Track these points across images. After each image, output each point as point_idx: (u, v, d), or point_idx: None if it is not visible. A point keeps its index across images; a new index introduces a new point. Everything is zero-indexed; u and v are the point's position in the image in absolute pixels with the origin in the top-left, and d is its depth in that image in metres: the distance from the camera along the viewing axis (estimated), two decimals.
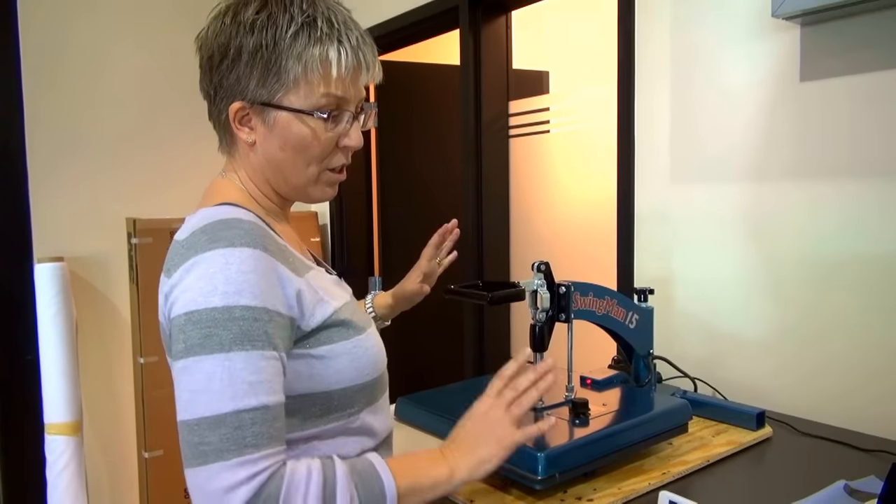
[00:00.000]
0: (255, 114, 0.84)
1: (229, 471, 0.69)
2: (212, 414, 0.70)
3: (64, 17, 2.48)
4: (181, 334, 0.74)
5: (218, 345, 0.72)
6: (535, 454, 0.97)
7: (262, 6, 0.82)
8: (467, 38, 2.23)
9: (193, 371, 0.72)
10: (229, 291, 0.73)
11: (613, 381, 1.32)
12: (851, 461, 1.13)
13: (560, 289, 1.15)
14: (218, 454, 0.70)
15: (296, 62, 0.81)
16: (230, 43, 0.82)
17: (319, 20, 0.82)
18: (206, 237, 0.77)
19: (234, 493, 0.69)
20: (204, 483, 0.70)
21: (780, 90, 1.41)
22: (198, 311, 0.73)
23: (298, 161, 0.86)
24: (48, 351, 2.29)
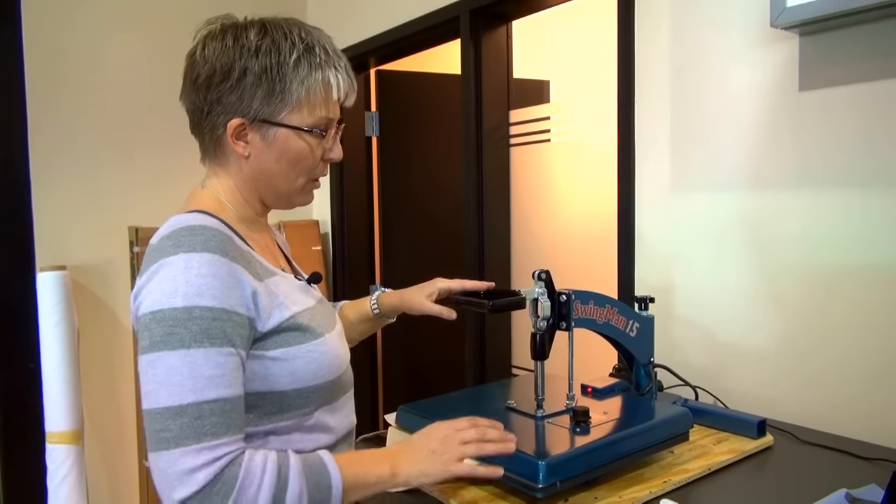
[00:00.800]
0: (253, 130, 0.91)
1: (189, 455, 0.76)
2: (174, 404, 0.77)
3: (68, 25, 2.50)
4: (146, 331, 0.80)
5: (179, 342, 0.78)
6: (537, 462, 0.97)
7: (263, 32, 0.89)
8: (468, 48, 2.24)
9: (157, 365, 0.78)
10: (189, 293, 0.79)
11: (614, 390, 1.32)
12: (852, 469, 1.13)
13: (561, 297, 1.15)
14: (178, 441, 0.76)
15: (300, 85, 0.89)
16: (234, 64, 0.88)
17: (317, 48, 0.90)
18: (170, 242, 0.83)
19: (193, 476, 0.75)
20: (165, 466, 0.76)
21: (779, 99, 1.42)
22: (161, 311, 0.79)
23: (290, 173, 0.94)
24: (50, 359, 2.29)
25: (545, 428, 1.12)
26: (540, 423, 1.14)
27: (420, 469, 0.90)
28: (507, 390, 1.34)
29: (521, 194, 2.35)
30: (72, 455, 2.29)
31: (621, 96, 1.72)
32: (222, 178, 0.96)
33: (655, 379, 1.36)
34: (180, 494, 0.76)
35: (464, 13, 2.22)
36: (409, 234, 2.99)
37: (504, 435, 0.96)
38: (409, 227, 2.99)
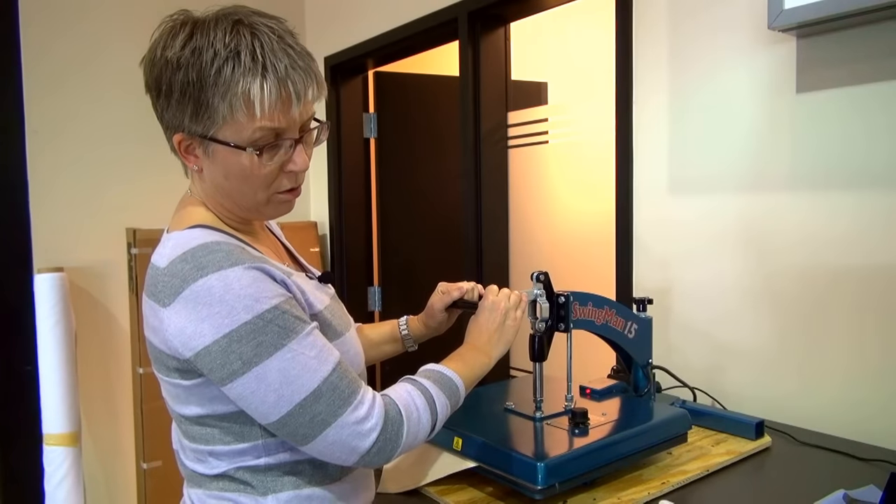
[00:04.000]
0: (197, 144, 0.85)
1: (350, 418, 0.80)
2: (307, 394, 0.79)
3: (65, 26, 2.50)
4: (229, 356, 0.78)
5: (272, 346, 0.79)
6: (535, 464, 0.98)
7: (188, 39, 0.81)
8: (466, 50, 2.24)
9: (266, 376, 0.78)
10: (248, 305, 0.78)
11: (613, 391, 1.33)
12: (850, 471, 1.13)
13: (559, 298, 1.15)
14: (333, 415, 0.80)
15: (221, 100, 0.80)
16: (161, 79, 0.82)
17: (243, 53, 0.79)
18: (189, 265, 0.79)
19: (364, 426, 0.81)
20: (336, 439, 0.80)
21: (776, 101, 1.42)
22: (234, 331, 0.78)
23: (244, 188, 0.86)
24: (47, 361, 2.29)
25: (544, 429, 1.12)
26: (539, 424, 1.14)
27: (504, 343, 1.06)
28: (505, 392, 1.34)
29: (520, 196, 2.36)
30: (69, 457, 2.28)
31: (619, 98, 1.73)
32: (196, 192, 0.92)
33: (654, 380, 1.36)
34: (365, 444, 0.81)
35: (462, 15, 2.22)
36: (408, 235, 2.99)
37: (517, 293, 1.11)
38: (408, 229, 2.99)
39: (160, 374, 0.89)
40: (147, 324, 0.87)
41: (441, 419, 0.91)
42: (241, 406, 0.81)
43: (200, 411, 0.86)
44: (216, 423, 0.86)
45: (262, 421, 0.81)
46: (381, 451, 0.83)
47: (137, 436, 2.51)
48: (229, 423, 0.85)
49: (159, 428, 2.44)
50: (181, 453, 0.94)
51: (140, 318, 2.65)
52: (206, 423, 0.87)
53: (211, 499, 0.89)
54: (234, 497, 0.88)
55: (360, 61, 2.79)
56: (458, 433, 1.10)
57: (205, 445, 0.87)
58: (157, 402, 2.45)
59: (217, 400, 0.84)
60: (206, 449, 0.88)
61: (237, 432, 0.86)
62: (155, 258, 0.86)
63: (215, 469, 0.88)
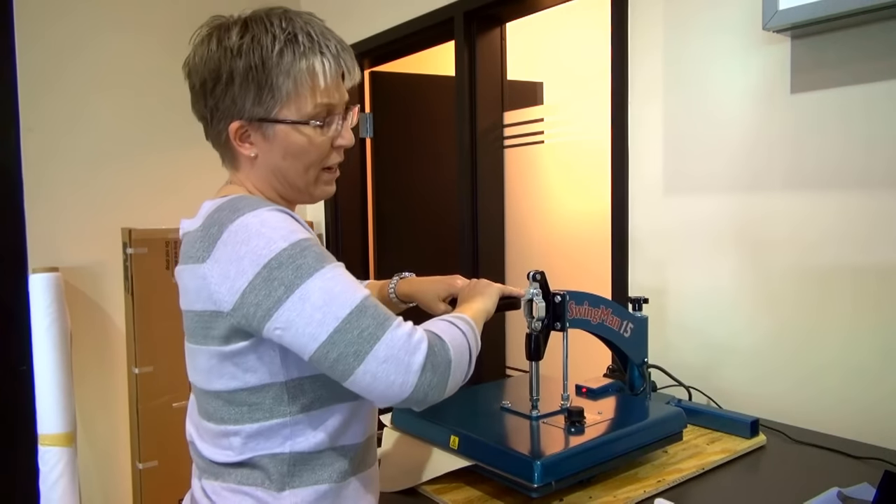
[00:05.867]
0: (254, 130, 0.89)
1: (398, 328, 0.80)
2: (352, 308, 0.79)
3: (61, 25, 2.49)
4: (272, 283, 0.79)
5: (311, 268, 0.80)
6: (532, 462, 0.98)
7: (244, 29, 0.88)
8: (462, 50, 2.24)
9: (308, 296, 0.79)
10: (283, 235, 0.81)
11: (609, 390, 1.33)
12: (844, 468, 1.14)
13: (556, 298, 1.15)
14: (382, 326, 0.80)
15: (286, 78, 0.87)
16: (220, 68, 0.87)
17: (300, 35, 0.88)
18: (226, 212, 0.84)
19: (414, 338, 0.80)
20: (388, 355, 0.79)
21: (771, 102, 1.43)
22: (274, 258, 0.80)
23: (299, 166, 0.92)
24: (42, 361, 2.28)
25: (540, 428, 1.12)
26: (535, 423, 1.14)
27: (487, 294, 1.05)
28: (501, 391, 1.34)
29: (516, 196, 2.36)
30: (64, 457, 2.28)
31: (615, 98, 1.73)
32: (242, 181, 0.95)
33: (649, 379, 1.37)
34: (418, 361, 0.79)
35: (458, 15, 2.22)
36: (404, 235, 2.99)
37: None
38: (404, 229, 2.99)
39: (198, 345, 0.88)
40: (186, 294, 0.88)
41: (475, 349, 0.90)
42: (288, 341, 0.80)
43: (233, 384, 0.86)
44: (247, 397, 0.86)
45: (312, 347, 0.79)
46: (435, 369, 0.81)
47: (133, 436, 2.50)
48: (260, 396, 0.86)
49: (154, 428, 2.44)
50: (198, 442, 0.93)
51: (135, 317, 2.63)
52: (235, 400, 0.87)
53: (226, 491, 0.88)
54: (251, 491, 0.87)
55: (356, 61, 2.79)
56: (454, 432, 1.10)
57: (232, 425, 0.87)
58: (153, 402, 2.46)
59: (251, 371, 0.85)
60: (233, 429, 0.87)
61: (267, 408, 0.86)
62: (187, 227, 0.90)
63: (236, 456, 0.87)
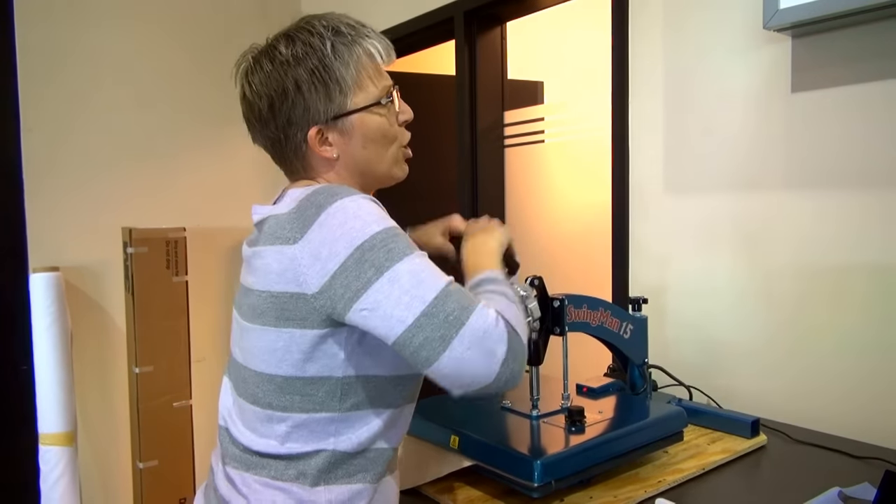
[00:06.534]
0: (331, 130, 0.92)
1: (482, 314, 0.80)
2: (438, 290, 0.80)
3: (61, 24, 2.49)
4: (363, 265, 0.81)
5: (402, 252, 0.82)
6: (532, 461, 0.98)
7: (290, 41, 0.91)
8: (463, 49, 2.24)
9: (398, 278, 0.80)
10: (377, 220, 0.83)
11: (609, 390, 1.33)
12: (845, 468, 1.14)
13: (554, 303, 1.15)
14: (465, 312, 0.79)
15: (347, 68, 0.90)
16: (285, 83, 0.89)
17: (342, 28, 0.92)
18: (322, 196, 0.85)
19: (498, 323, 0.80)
20: (472, 337, 0.78)
21: (772, 101, 1.42)
22: (367, 241, 0.81)
23: (381, 150, 0.96)
24: (43, 361, 2.28)
25: (540, 427, 1.12)
26: (535, 422, 1.14)
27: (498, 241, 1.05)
28: None
29: (516, 195, 2.36)
30: (65, 457, 2.28)
31: (615, 97, 1.73)
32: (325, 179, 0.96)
33: (650, 379, 1.37)
34: (502, 350, 0.80)
35: (458, 15, 2.22)
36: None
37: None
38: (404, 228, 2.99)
39: (265, 326, 0.87)
40: (266, 274, 0.87)
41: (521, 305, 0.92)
42: (374, 324, 0.81)
43: (292, 371, 0.86)
44: (302, 387, 0.86)
45: (397, 331, 0.79)
46: (515, 357, 0.81)
47: (133, 435, 2.50)
48: (315, 388, 0.86)
49: (155, 428, 2.44)
50: (234, 428, 0.93)
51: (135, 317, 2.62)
52: (289, 388, 0.87)
53: (258, 484, 0.88)
54: (286, 486, 0.87)
55: None
56: (454, 431, 1.10)
57: (280, 412, 0.87)
58: (153, 402, 2.46)
59: (313, 360, 0.85)
60: (281, 416, 0.87)
61: (319, 401, 0.86)
62: (269, 211, 0.91)
63: (278, 446, 0.87)
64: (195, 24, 2.73)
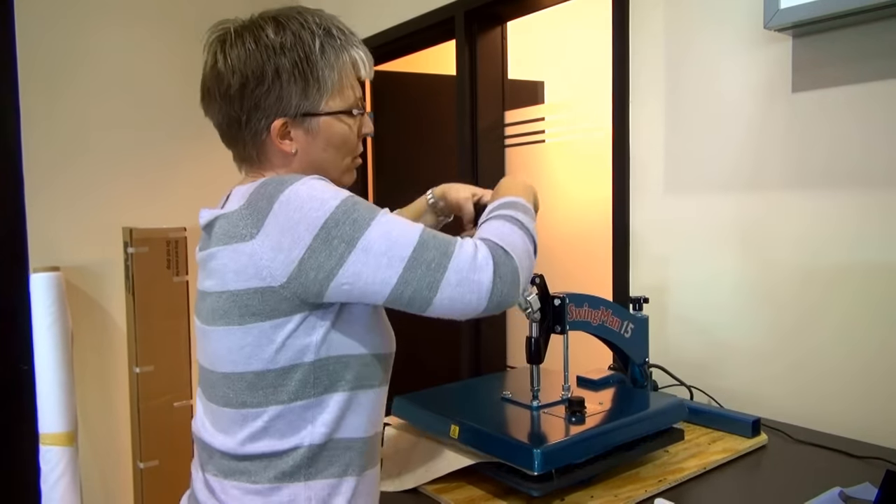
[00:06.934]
0: (297, 125, 0.91)
1: (460, 251, 0.81)
2: (413, 245, 0.81)
3: (62, 25, 2.49)
4: (332, 242, 0.80)
5: (367, 219, 0.81)
6: (532, 449, 0.97)
7: (279, 27, 0.89)
8: (463, 49, 2.24)
9: (371, 245, 0.80)
10: (333, 195, 0.82)
11: (609, 382, 1.32)
12: (846, 468, 1.14)
13: (555, 301, 1.15)
14: (445, 256, 0.81)
15: (331, 71, 0.90)
16: (265, 66, 0.87)
17: (334, 30, 0.91)
18: (271, 186, 0.84)
19: (477, 256, 0.81)
20: (458, 275, 0.80)
21: (772, 100, 1.42)
22: (330, 218, 0.80)
23: (337, 156, 0.95)
24: (43, 361, 2.28)
25: (541, 417, 1.12)
26: (535, 413, 1.14)
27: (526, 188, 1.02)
28: (502, 382, 1.34)
29: None
30: (65, 457, 2.28)
31: (616, 97, 1.73)
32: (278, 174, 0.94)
33: (650, 379, 1.37)
34: (488, 277, 0.80)
35: (458, 14, 2.22)
36: None
37: None
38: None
39: (228, 326, 0.86)
40: (222, 275, 0.86)
41: (531, 226, 0.92)
42: (358, 293, 0.81)
43: (262, 366, 0.85)
44: (274, 379, 0.85)
45: (384, 292, 0.81)
46: (503, 279, 0.82)
47: (134, 435, 2.50)
48: (287, 377, 0.85)
49: (155, 427, 2.44)
50: (207, 435, 0.92)
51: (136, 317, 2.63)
52: (261, 383, 0.86)
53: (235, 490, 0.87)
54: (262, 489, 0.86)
55: None
56: (454, 421, 1.10)
57: (254, 408, 0.86)
58: (154, 402, 2.46)
59: (282, 350, 0.84)
60: (255, 412, 0.86)
61: (293, 390, 0.86)
62: (216, 213, 0.89)
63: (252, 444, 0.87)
64: (196, 23, 2.73)
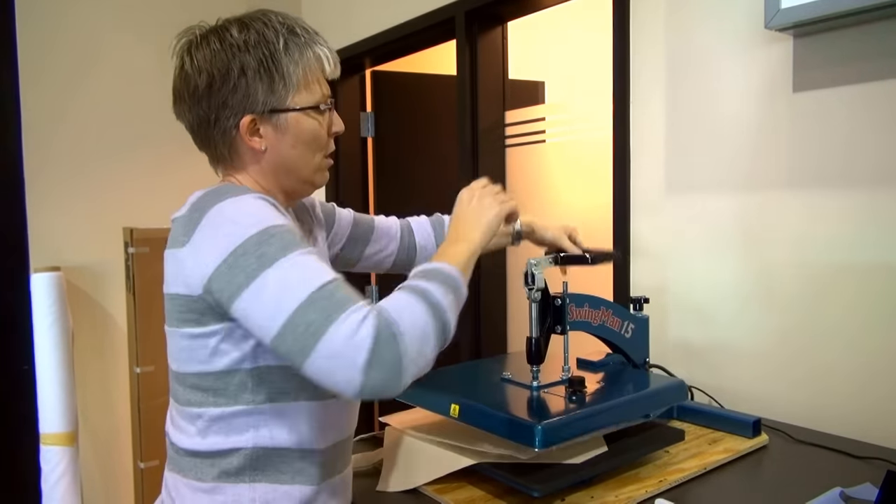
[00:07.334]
0: (265, 122, 0.92)
1: (344, 322, 0.76)
2: (302, 300, 0.77)
3: (62, 24, 2.49)
4: (235, 269, 0.80)
5: (272, 258, 0.80)
6: (533, 426, 0.96)
7: (244, 27, 0.90)
8: (464, 49, 2.24)
9: (266, 285, 0.79)
10: (254, 221, 0.82)
11: (609, 363, 1.32)
12: (847, 468, 1.14)
13: (556, 301, 1.15)
14: (327, 321, 0.76)
15: (296, 67, 0.91)
16: (230, 65, 0.89)
17: (297, 28, 0.92)
18: (209, 199, 0.85)
19: (358, 335, 0.75)
20: (331, 347, 0.75)
21: (773, 101, 1.42)
22: (240, 246, 0.80)
23: (307, 154, 0.95)
24: (44, 361, 2.28)
25: (541, 396, 1.12)
26: (535, 392, 1.13)
27: (485, 224, 0.99)
28: (503, 364, 1.33)
29: (517, 195, 2.35)
30: (66, 456, 2.28)
31: (616, 97, 1.73)
32: (240, 177, 0.96)
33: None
34: (361, 359, 0.75)
35: (459, 14, 2.22)
36: None
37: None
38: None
39: (171, 328, 0.90)
40: (167, 280, 0.90)
41: (449, 309, 0.85)
42: (247, 326, 0.82)
43: (201, 368, 0.88)
44: (213, 382, 0.88)
45: (266, 338, 0.79)
46: (381, 366, 0.76)
47: (134, 435, 2.50)
48: (226, 381, 0.87)
49: (156, 427, 2.44)
50: (170, 431, 0.95)
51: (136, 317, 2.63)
52: (202, 385, 0.89)
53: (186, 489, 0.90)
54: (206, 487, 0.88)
55: (357, 60, 2.79)
56: (455, 400, 1.10)
57: (196, 408, 0.89)
58: (155, 401, 2.46)
59: (220, 355, 0.87)
60: (197, 412, 0.89)
61: (231, 394, 0.88)
62: (176, 216, 0.90)
63: (199, 442, 0.89)
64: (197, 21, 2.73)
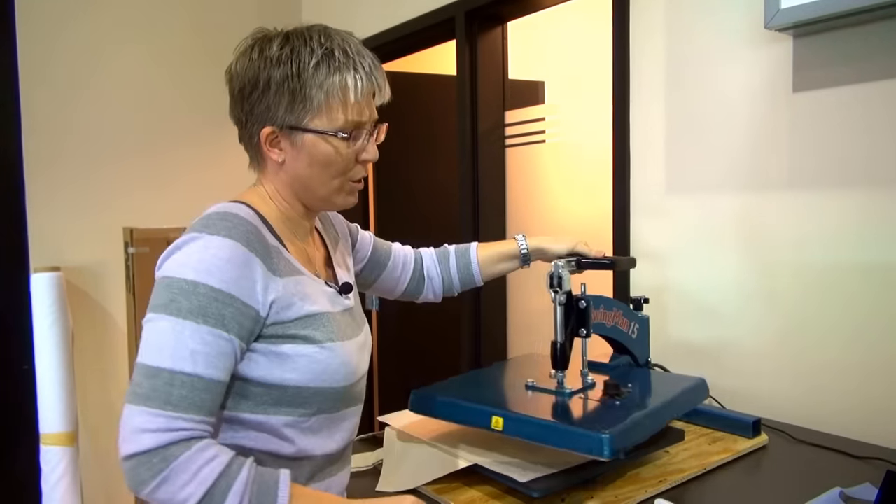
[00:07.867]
0: (284, 136, 0.94)
1: (147, 416, 0.78)
2: (151, 365, 0.81)
3: (62, 26, 2.49)
4: (155, 293, 0.85)
5: (176, 310, 0.82)
6: (600, 436, 0.93)
7: (285, 42, 0.92)
8: (463, 49, 2.24)
9: (151, 326, 0.83)
10: (200, 269, 0.84)
11: (619, 365, 1.31)
12: (847, 468, 1.14)
13: (580, 304, 1.12)
14: (145, 399, 0.79)
15: (318, 90, 0.91)
16: (259, 76, 0.92)
17: (336, 51, 0.92)
18: (202, 223, 0.88)
19: (141, 436, 0.78)
20: (127, 419, 0.79)
21: (773, 101, 1.42)
22: (172, 279, 0.84)
23: (324, 176, 0.96)
24: (44, 361, 2.28)
25: (584, 403, 1.10)
26: (568, 398, 1.10)
27: None
28: (515, 370, 1.31)
29: (517, 195, 2.36)
30: (66, 457, 2.28)
31: (616, 97, 1.73)
32: (266, 183, 1.00)
33: None
34: (125, 450, 0.78)
35: (459, 14, 2.22)
36: (405, 235, 2.97)
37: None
38: (405, 229, 2.99)
39: None
40: None
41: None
42: None
43: None
44: None
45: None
46: (133, 470, 0.77)
47: None
48: None
49: None
50: None
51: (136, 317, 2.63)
52: None
53: None
54: None
55: None
56: (495, 412, 1.04)
57: None
58: None
59: None
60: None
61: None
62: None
63: None
64: (197, 23, 2.74)
